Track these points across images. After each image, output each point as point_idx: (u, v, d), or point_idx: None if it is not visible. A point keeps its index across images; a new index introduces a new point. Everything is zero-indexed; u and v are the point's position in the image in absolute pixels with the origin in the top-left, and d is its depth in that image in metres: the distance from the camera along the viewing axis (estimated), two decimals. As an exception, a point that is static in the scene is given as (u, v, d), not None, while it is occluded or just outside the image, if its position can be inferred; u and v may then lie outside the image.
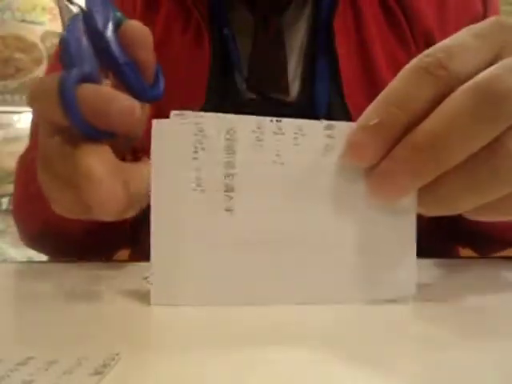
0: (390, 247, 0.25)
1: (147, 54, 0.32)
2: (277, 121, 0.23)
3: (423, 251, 0.52)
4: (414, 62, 0.23)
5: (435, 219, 0.28)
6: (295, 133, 0.23)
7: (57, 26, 1.57)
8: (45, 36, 1.59)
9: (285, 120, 0.23)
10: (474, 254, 0.55)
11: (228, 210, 0.23)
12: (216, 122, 0.23)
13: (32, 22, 1.60)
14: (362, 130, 0.23)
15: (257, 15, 0.56)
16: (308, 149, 0.23)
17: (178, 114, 0.23)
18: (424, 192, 0.23)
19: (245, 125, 0.23)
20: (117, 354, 0.18)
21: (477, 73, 0.22)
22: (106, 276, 0.38)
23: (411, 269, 0.25)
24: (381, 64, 0.53)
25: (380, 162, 0.23)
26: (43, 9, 1.60)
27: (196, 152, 0.23)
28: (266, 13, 0.56)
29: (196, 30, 0.54)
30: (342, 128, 0.23)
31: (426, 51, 0.23)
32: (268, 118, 0.23)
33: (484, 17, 0.57)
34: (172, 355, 0.19)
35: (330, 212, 0.24)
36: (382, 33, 0.54)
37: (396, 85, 0.23)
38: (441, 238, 0.55)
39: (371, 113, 0.23)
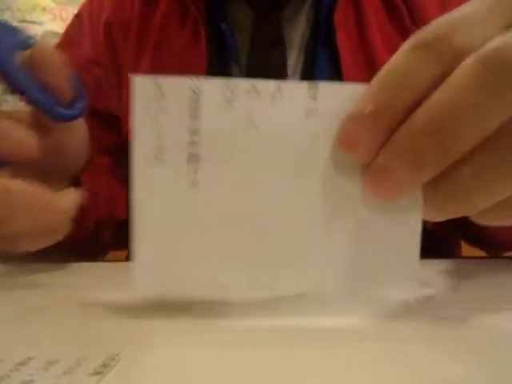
0: (390, 244, 0.21)
1: (57, 78, 0.32)
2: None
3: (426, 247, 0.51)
4: (411, 39, 0.20)
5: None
6: (271, 93, 0.19)
7: (57, 26, 1.57)
8: (45, 36, 1.59)
9: (260, 81, 0.20)
10: (474, 254, 0.55)
11: (192, 184, 0.20)
12: (178, 83, 0.20)
13: (32, 22, 1.60)
14: (356, 118, 0.20)
15: (256, 11, 0.56)
16: (287, 112, 0.20)
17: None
18: (428, 190, 0.20)
19: (212, 85, 0.20)
20: (117, 354, 0.18)
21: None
22: (106, 276, 0.38)
23: (412, 266, 0.22)
24: (383, 59, 0.53)
25: (377, 154, 0.20)
26: (43, 9, 1.60)
27: (156, 116, 0.20)
28: (266, 9, 0.56)
29: (193, 26, 0.55)
30: (328, 89, 0.20)
31: (428, 25, 0.20)
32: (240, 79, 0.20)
33: None
34: (172, 355, 0.19)
35: (316, 191, 0.20)
36: (383, 27, 0.54)
37: (392, 66, 0.20)
38: (444, 235, 0.55)
39: (366, 98, 0.20)
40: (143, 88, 0.20)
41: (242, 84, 0.19)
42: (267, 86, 0.20)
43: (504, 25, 0.20)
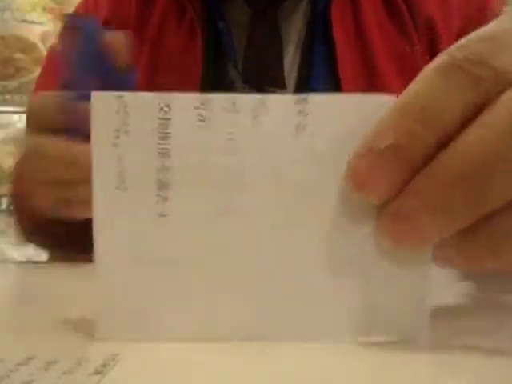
0: (398, 293, 0.18)
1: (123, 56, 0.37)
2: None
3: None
4: (441, 58, 0.17)
5: None
6: (254, 109, 0.17)
7: (57, 26, 1.57)
8: (45, 36, 1.59)
9: (239, 95, 0.17)
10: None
11: (161, 215, 0.17)
12: (145, 99, 0.18)
13: (32, 22, 1.60)
14: (371, 153, 0.16)
15: (254, 8, 0.56)
16: (271, 130, 0.17)
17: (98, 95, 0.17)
18: (462, 241, 0.17)
19: (184, 101, 0.17)
20: (117, 354, 0.18)
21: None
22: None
23: (420, 315, 0.19)
24: (379, 53, 0.53)
25: (395, 197, 0.17)
26: (43, 9, 1.60)
27: (118, 137, 0.17)
28: (264, 5, 0.56)
29: (190, 25, 0.55)
30: (318, 101, 0.17)
31: (459, 43, 0.17)
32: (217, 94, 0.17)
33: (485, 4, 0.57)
34: (172, 355, 0.19)
35: (313, 229, 0.17)
36: (381, 22, 0.54)
37: (418, 90, 0.16)
38: None
39: (384, 130, 0.16)
40: (103, 106, 0.17)
41: (219, 99, 0.17)
42: (248, 101, 0.17)
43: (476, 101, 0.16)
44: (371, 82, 0.53)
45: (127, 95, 0.17)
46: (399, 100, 0.17)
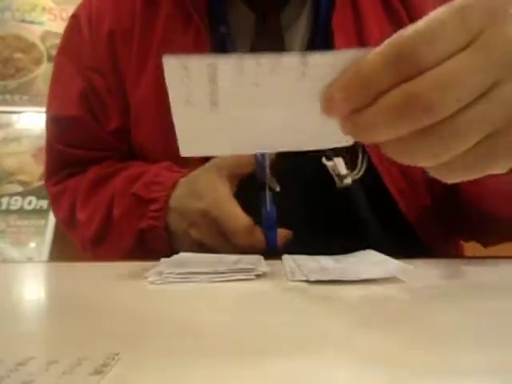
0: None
1: None
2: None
3: (425, 247, 0.52)
4: (392, 45, 0.24)
5: (436, 211, 0.28)
6: (273, 65, 0.25)
7: (57, 26, 1.57)
8: (45, 36, 1.59)
9: (263, 56, 0.25)
10: (475, 254, 0.55)
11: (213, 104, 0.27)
12: (197, 60, 0.25)
13: (32, 22, 1.60)
14: (336, 91, 0.24)
15: (256, 12, 0.56)
16: (283, 74, 0.25)
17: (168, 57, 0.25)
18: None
19: (225, 60, 0.25)
20: (117, 354, 0.18)
21: (448, 58, 0.23)
22: (106, 276, 0.38)
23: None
24: None
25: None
26: (43, 9, 1.60)
27: (183, 83, 0.26)
28: (265, 10, 0.56)
29: (196, 31, 0.54)
30: (316, 57, 0.25)
31: (405, 33, 0.23)
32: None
33: None
34: (172, 355, 0.19)
35: (300, 109, 0.27)
36: (383, 30, 0.54)
37: (365, 65, 0.24)
38: (442, 232, 0.56)
39: (339, 84, 0.24)
40: (172, 65, 0.25)
41: (248, 58, 0.24)
42: (268, 58, 0.25)
43: (472, 37, 0.23)
44: None
45: (186, 58, 0.25)
46: (356, 65, 0.24)
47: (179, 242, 0.50)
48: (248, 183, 0.50)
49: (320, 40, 0.54)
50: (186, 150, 0.30)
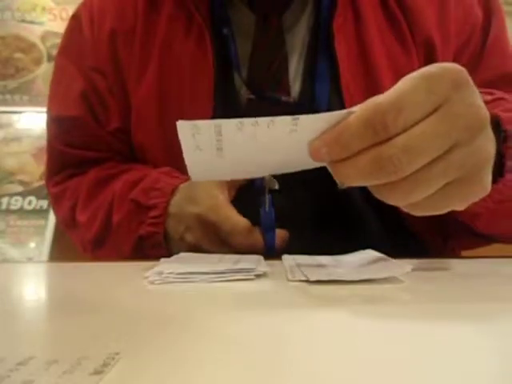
0: None
1: None
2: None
3: (425, 247, 0.52)
4: (367, 111, 0.27)
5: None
6: (268, 123, 0.29)
7: (57, 26, 1.57)
8: (45, 36, 1.59)
9: (260, 118, 0.29)
10: (473, 254, 0.55)
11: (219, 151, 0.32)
12: (206, 123, 0.30)
13: (32, 22, 1.60)
14: (320, 146, 0.29)
15: (257, 14, 0.56)
16: (277, 129, 0.29)
17: (182, 122, 0.30)
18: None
19: (228, 121, 0.29)
20: (117, 354, 0.18)
21: (416, 124, 0.27)
22: (106, 276, 0.38)
23: None
24: (381, 65, 0.53)
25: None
26: (43, 9, 1.60)
27: (194, 137, 0.31)
28: (267, 11, 0.56)
29: (198, 31, 0.54)
30: (305, 119, 0.29)
31: (378, 100, 0.27)
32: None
33: (484, 19, 0.57)
34: (172, 355, 0.19)
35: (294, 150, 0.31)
36: (382, 34, 0.54)
37: (347, 126, 0.28)
38: (441, 233, 0.56)
39: (324, 141, 0.29)
40: (185, 126, 0.30)
41: (247, 120, 0.29)
42: (264, 120, 0.29)
43: (438, 106, 0.28)
44: (372, 94, 0.53)
45: (196, 122, 0.30)
46: (340, 127, 0.28)
47: (176, 248, 0.49)
48: (247, 185, 0.50)
49: (321, 43, 0.54)
50: (195, 177, 0.35)
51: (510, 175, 0.37)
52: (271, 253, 0.45)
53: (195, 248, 0.48)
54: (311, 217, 0.53)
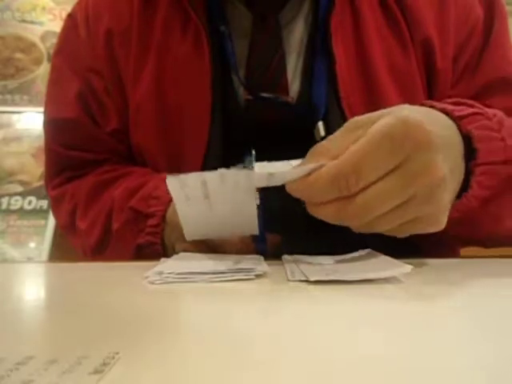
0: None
1: None
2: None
3: (424, 247, 0.52)
4: (334, 171, 0.32)
5: None
6: (247, 174, 0.35)
7: (57, 26, 1.57)
8: (45, 36, 1.59)
9: (241, 170, 0.35)
10: (473, 254, 0.55)
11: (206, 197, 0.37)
12: (193, 176, 0.35)
13: (32, 22, 1.60)
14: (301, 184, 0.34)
15: (254, 12, 0.56)
16: (255, 180, 0.35)
17: (170, 177, 0.35)
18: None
19: (211, 173, 0.35)
20: (117, 353, 0.18)
21: (378, 180, 0.32)
22: (106, 276, 0.38)
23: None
24: (379, 64, 0.53)
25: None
26: (43, 9, 1.60)
27: (183, 189, 0.36)
28: (264, 10, 0.55)
29: (195, 31, 0.54)
30: (280, 175, 0.34)
31: (343, 158, 0.32)
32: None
33: (485, 20, 0.57)
34: (172, 355, 0.19)
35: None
36: (381, 33, 0.54)
37: (314, 184, 0.33)
38: (441, 233, 0.56)
39: (297, 188, 0.34)
40: (173, 181, 0.35)
41: (230, 175, 0.35)
42: (245, 173, 0.35)
43: (398, 163, 0.31)
44: (371, 97, 0.52)
45: (184, 176, 0.35)
46: (313, 176, 0.33)
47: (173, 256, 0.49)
48: None
49: (318, 41, 0.54)
50: (189, 236, 0.40)
51: (477, 190, 0.39)
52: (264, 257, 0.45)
53: None
54: (310, 217, 0.53)
